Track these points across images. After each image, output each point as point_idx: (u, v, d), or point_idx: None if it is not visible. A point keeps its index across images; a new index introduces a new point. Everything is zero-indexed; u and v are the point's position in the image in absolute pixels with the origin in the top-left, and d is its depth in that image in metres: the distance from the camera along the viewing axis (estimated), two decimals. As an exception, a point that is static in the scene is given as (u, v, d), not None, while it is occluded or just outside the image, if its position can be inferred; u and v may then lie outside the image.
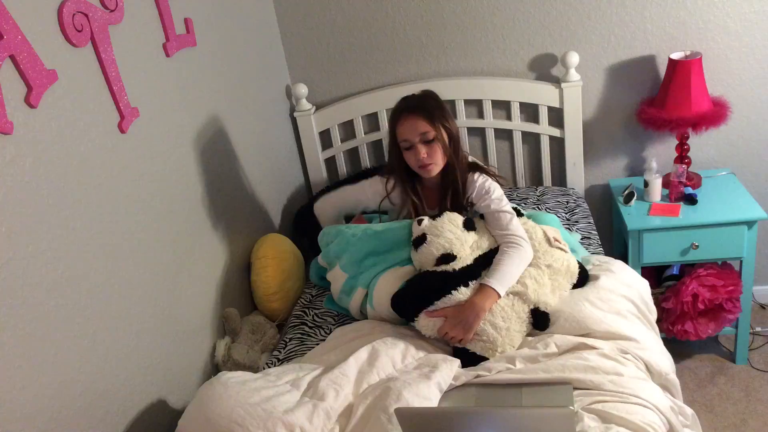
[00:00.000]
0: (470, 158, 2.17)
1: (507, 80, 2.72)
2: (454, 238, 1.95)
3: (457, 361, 1.78)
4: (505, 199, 2.04)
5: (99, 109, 1.68)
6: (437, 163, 2.01)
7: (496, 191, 2.04)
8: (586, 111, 2.76)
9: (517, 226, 1.98)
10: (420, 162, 1.99)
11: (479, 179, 2.06)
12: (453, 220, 1.99)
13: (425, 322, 1.89)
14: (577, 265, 1.99)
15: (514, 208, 2.07)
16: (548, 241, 2.02)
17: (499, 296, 1.85)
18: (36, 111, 1.46)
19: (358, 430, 1.61)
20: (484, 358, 1.82)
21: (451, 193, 2.08)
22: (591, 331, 1.80)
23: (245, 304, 2.39)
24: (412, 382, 1.65)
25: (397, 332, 1.93)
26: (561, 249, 2.01)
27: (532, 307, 1.87)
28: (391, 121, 2.05)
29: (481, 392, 1.71)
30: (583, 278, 2.00)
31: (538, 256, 1.97)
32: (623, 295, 1.93)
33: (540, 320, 1.85)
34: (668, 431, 1.58)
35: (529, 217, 2.17)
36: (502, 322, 1.81)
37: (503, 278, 1.87)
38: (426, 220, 2.00)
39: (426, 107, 1.98)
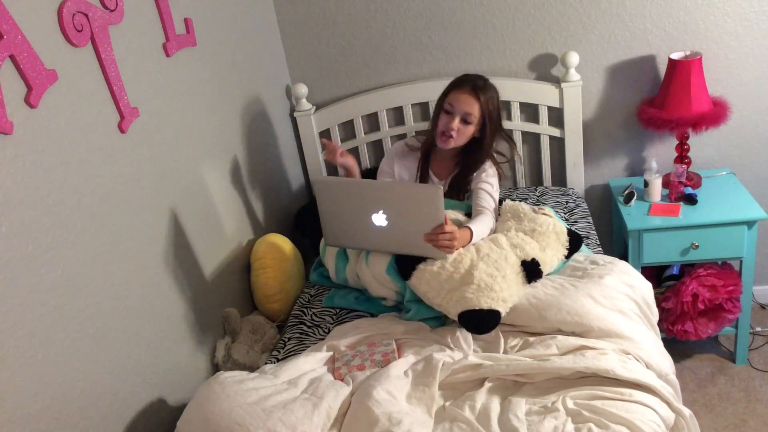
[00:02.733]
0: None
1: (507, 80, 2.71)
2: (455, 219, 2.10)
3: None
4: (497, 187, 2.21)
5: (99, 109, 1.68)
6: (457, 140, 2.16)
7: (494, 178, 2.21)
8: (586, 111, 2.76)
9: (494, 208, 2.17)
10: (446, 129, 2.13)
11: (486, 164, 2.24)
12: (456, 209, 2.16)
13: (421, 275, 1.94)
14: (564, 228, 2.08)
15: (501, 198, 2.25)
16: (533, 210, 2.14)
17: (472, 235, 1.98)
18: (36, 111, 1.46)
19: (350, 421, 1.62)
20: (493, 317, 1.81)
21: (460, 170, 2.26)
22: (591, 327, 1.80)
23: (245, 304, 2.39)
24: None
25: (391, 330, 1.96)
26: (545, 215, 2.11)
27: (521, 260, 1.92)
28: (453, 84, 2.18)
29: None
30: (576, 241, 2.07)
31: (524, 222, 2.07)
32: (626, 295, 1.93)
33: (531, 270, 1.91)
34: (669, 427, 1.59)
35: None
36: (497, 270, 1.86)
37: (478, 225, 2.04)
38: None
39: (487, 96, 2.14)
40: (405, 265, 1.98)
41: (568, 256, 2.06)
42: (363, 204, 1.89)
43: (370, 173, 2.63)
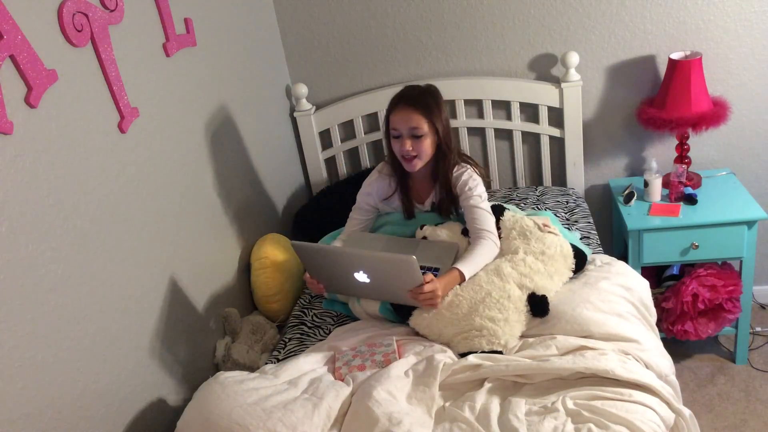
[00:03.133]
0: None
1: (507, 80, 2.71)
2: (448, 241, 2.06)
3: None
4: (485, 196, 2.09)
5: (99, 109, 1.68)
6: (421, 158, 2.06)
7: (479, 188, 2.08)
8: (586, 111, 2.76)
9: (492, 224, 2.04)
10: (404, 153, 2.05)
11: (464, 174, 2.10)
12: (451, 228, 2.10)
13: (418, 320, 1.91)
14: (570, 248, 2.02)
15: (497, 205, 2.14)
16: (538, 227, 2.06)
17: (463, 277, 1.90)
18: (36, 111, 1.46)
19: (350, 421, 1.62)
20: (495, 353, 1.81)
21: (439, 187, 2.14)
22: (591, 332, 1.80)
23: (245, 304, 2.39)
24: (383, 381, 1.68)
25: (392, 330, 1.96)
26: (552, 233, 2.04)
27: (528, 293, 1.88)
28: (388, 107, 2.09)
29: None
30: (581, 261, 2.03)
31: (531, 242, 2.00)
32: (623, 297, 1.93)
33: (537, 305, 1.86)
34: (669, 427, 1.59)
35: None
36: (499, 313, 1.82)
37: (471, 264, 1.93)
38: (427, 226, 2.11)
39: (422, 103, 2.02)
40: (401, 309, 1.96)
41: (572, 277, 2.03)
42: (343, 266, 1.89)
43: (368, 174, 2.62)
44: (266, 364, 2.03)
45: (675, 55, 2.52)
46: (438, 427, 1.59)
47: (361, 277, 1.87)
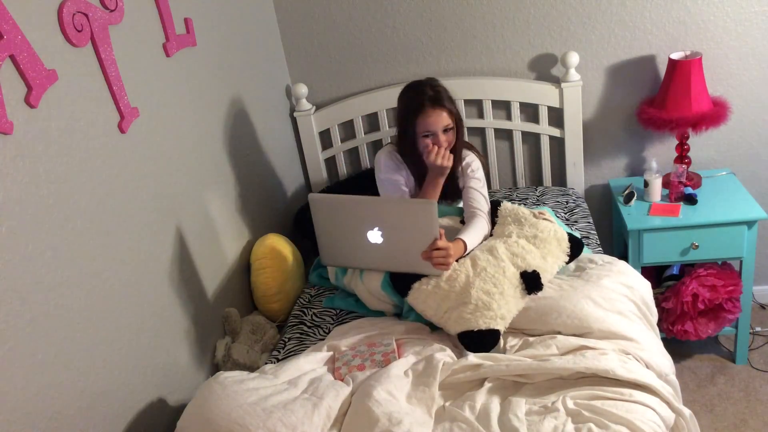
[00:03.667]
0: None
1: (507, 80, 2.72)
2: (451, 225, 2.14)
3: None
4: (485, 182, 2.20)
5: (99, 109, 1.68)
6: (449, 148, 2.13)
7: (480, 172, 2.20)
8: (586, 111, 2.76)
9: (486, 207, 2.16)
10: (439, 145, 2.09)
11: (469, 157, 2.22)
12: (452, 219, 2.17)
13: (417, 294, 1.93)
14: (565, 233, 2.06)
15: (493, 201, 2.20)
16: (534, 215, 2.11)
17: (466, 246, 1.99)
18: (36, 111, 1.46)
19: (350, 421, 1.62)
20: (493, 336, 1.81)
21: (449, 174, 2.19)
22: (592, 329, 1.80)
23: (245, 304, 2.39)
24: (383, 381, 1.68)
25: (391, 330, 1.96)
26: (546, 220, 2.09)
27: (521, 271, 1.90)
28: (413, 112, 2.09)
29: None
30: (577, 246, 2.06)
31: (525, 227, 2.05)
32: (625, 296, 1.93)
33: (530, 281, 1.88)
34: (669, 427, 1.59)
35: None
36: (494, 287, 1.85)
37: (470, 236, 2.03)
38: None
39: (445, 100, 2.10)
40: (401, 283, 1.97)
41: (568, 262, 2.05)
42: (359, 221, 1.94)
43: (368, 174, 2.63)
44: (266, 364, 2.04)
45: (675, 55, 2.52)
46: (438, 427, 1.59)
47: (375, 236, 1.93)
